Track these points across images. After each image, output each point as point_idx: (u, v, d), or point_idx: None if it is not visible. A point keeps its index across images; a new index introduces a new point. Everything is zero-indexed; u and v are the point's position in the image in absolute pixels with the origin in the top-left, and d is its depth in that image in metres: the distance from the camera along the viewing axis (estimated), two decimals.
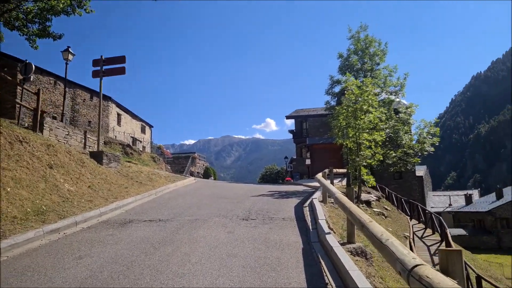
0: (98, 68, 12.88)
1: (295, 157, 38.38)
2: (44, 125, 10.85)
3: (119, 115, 34.37)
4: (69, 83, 28.18)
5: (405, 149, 21.45)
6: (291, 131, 38.07)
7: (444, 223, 15.55)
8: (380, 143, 14.77)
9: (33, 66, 11.66)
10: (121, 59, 12.87)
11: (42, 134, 10.84)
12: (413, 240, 13.31)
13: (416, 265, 1.81)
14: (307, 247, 5.56)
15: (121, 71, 12.82)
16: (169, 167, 33.26)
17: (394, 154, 20.52)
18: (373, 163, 14.33)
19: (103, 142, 15.02)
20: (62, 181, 8.93)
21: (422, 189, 42.64)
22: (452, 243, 13.01)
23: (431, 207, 44.00)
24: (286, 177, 35.30)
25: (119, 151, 28.40)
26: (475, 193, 53.19)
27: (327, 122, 28.16)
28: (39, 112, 10.74)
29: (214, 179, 38.50)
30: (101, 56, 12.88)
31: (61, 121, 13.86)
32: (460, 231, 38.64)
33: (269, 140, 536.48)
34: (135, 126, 37.94)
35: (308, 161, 28.68)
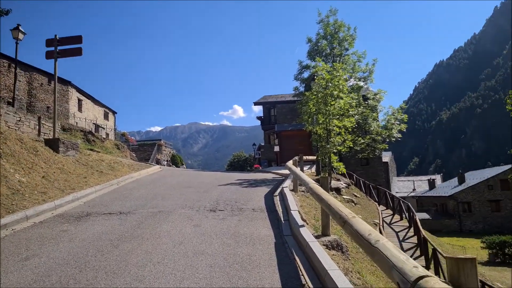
0: (52, 48, 11.79)
1: (263, 144, 38.20)
2: None
3: (80, 100, 32.55)
4: (25, 66, 26.23)
5: (373, 136, 21.73)
6: (259, 118, 37.75)
7: (413, 209, 15.89)
8: (350, 130, 14.74)
9: None
10: (77, 39, 11.85)
11: None
12: (383, 227, 13.47)
13: (421, 277, 1.49)
14: (280, 242, 5.25)
15: (77, 52, 11.81)
16: (134, 155, 32.05)
17: (362, 141, 20.76)
18: (343, 150, 14.30)
19: (60, 128, 13.98)
20: (12, 171, 8.08)
21: (387, 174, 43.97)
22: (422, 229, 13.27)
23: (396, 192, 45.57)
24: (254, 164, 35.10)
25: (80, 139, 26.94)
26: (438, 178, 55.60)
27: (296, 108, 28.03)
28: None
29: (182, 166, 37.68)
30: (55, 35, 11.79)
31: (12, 106, 12.66)
32: (424, 215, 40.31)
33: (236, 127, 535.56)
34: (97, 112, 36.18)
35: (276, 148, 28.56)
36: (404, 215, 17.02)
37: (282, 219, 6.77)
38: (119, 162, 14.07)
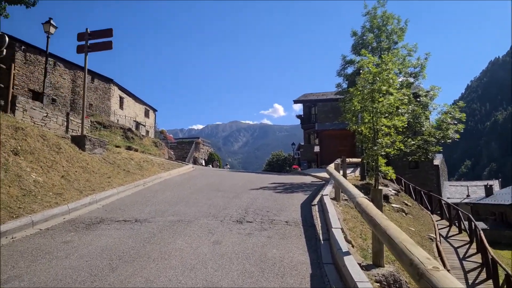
0: (83, 42, 11.35)
1: (303, 143, 36.73)
2: (17, 105, 9.42)
3: (121, 98, 33.00)
4: (69, 64, 26.80)
5: (425, 137, 19.68)
6: (298, 116, 36.31)
7: (475, 222, 13.88)
8: (401, 130, 13.11)
9: (7, 39, 10.18)
10: (108, 33, 11.32)
11: (14, 115, 9.44)
12: (440, 242, 11.75)
13: None
14: (318, 274, 4.06)
15: (108, 45, 11.28)
16: (172, 152, 32.01)
17: (412, 142, 18.82)
18: (392, 153, 12.68)
19: (89, 125, 13.61)
20: (28, 170, 7.54)
21: (438, 179, 40.69)
22: (489, 248, 11.34)
23: (448, 198, 42.05)
24: (293, 164, 33.77)
25: (119, 135, 27.18)
26: (495, 184, 50.90)
27: (338, 106, 26.36)
28: (10, 91, 9.31)
29: (218, 165, 37.15)
30: (86, 29, 11.35)
31: (41, 101, 12.43)
32: (481, 225, 36.74)
33: (276, 126, 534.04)
34: (138, 109, 36.61)
35: (316, 148, 27.05)
36: (464, 228, 14.98)
37: (321, 237, 5.56)
38: (149, 161, 13.45)
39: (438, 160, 41.10)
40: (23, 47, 21.04)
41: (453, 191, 51.08)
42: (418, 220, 13.59)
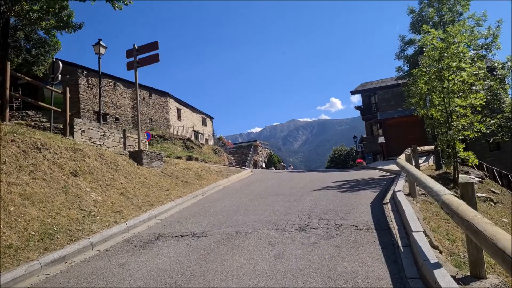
0: (132, 59, 11.56)
1: (365, 135, 34.87)
2: (75, 127, 9.80)
3: (178, 110, 34.08)
4: (127, 83, 28.25)
5: (506, 114, 17.35)
6: (358, 108, 34.56)
7: None
8: (479, 109, 11.50)
9: (61, 65, 10.67)
10: (154, 46, 11.40)
11: (73, 137, 9.81)
12: None
13: None
14: None
15: (155, 58, 11.36)
16: (232, 158, 32.26)
17: (492, 121, 16.65)
18: (471, 135, 11.14)
19: (145, 140, 13.85)
20: (88, 191, 7.65)
21: None
22: None
23: None
24: (357, 158, 32.14)
25: (179, 146, 27.97)
26: None
27: (400, 92, 24.46)
28: (67, 114, 9.68)
29: (275, 167, 36.66)
30: (134, 45, 11.55)
31: (98, 121, 12.90)
32: None
33: (335, 120, 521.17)
34: (195, 119, 37.56)
35: (381, 139, 25.34)
36: None
37: (400, 243, 4.72)
38: (207, 170, 13.33)
39: None
40: (84, 72, 22.43)
41: None
42: (511, 209, 11.79)
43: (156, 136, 25.87)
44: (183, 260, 4.83)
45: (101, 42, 13.40)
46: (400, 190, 7.39)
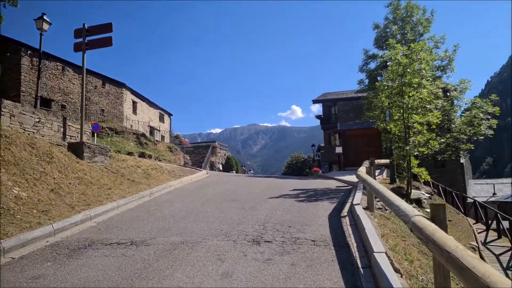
0: (81, 40, 10.47)
1: (323, 144, 35.30)
2: (2, 110, 8.52)
3: (134, 102, 32.41)
4: (79, 68, 26.20)
5: (455, 134, 18.08)
6: (318, 117, 34.93)
7: None
8: (434, 127, 11.70)
9: None
10: (107, 28, 10.40)
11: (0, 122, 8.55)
12: (482, 251, 10.26)
13: None
14: None
15: (108, 42, 10.36)
16: (188, 157, 31.16)
17: (442, 140, 17.26)
18: (425, 152, 11.27)
19: (90, 131, 12.71)
20: (9, 185, 6.58)
21: (464, 177, 38.49)
22: None
23: (473, 197, 39.73)
24: (313, 166, 32.37)
25: (132, 141, 26.45)
26: None
27: (360, 105, 24.90)
28: None
29: (236, 170, 36.04)
30: (84, 24, 10.46)
31: (34, 106, 11.60)
32: (507, 223, 34.33)
33: (295, 128, 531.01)
34: (152, 114, 35.98)
35: (338, 149, 25.63)
36: (504, 233, 13.36)
37: (359, 264, 4.33)
38: (158, 168, 12.45)
39: (462, 158, 38.91)
40: (29, 52, 20.44)
41: (479, 190, 48.33)
42: (456, 226, 12.12)
43: (106, 129, 24.26)
44: (113, 275, 4.09)
45: (44, 17, 12.07)
46: (358, 204, 7.10)
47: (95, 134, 19.17)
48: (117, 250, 5.01)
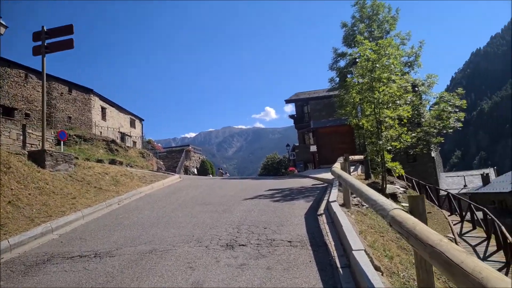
0: (40, 43, 9.87)
1: (297, 144, 35.41)
2: None
3: (103, 108, 31.37)
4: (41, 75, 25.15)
5: (425, 128, 18.49)
6: (291, 116, 35.03)
7: (493, 216, 12.60)
8: (405, 121, 11.82)
9: None
10: (68, 29, 9.87)
11: None
12: (459, 243, 10.40)
13: None
14: None
15: (68, 44, 9.83)
16: (161, 163, 30.39)
17: (413, 134, 17.60)
18: (398, 146, 11.36)
19: (53, 139, 12.05)
20: None
21: (436, 170, 39.68)
22: None
23: (446, 189, 41.02)
24: (289, 166, 32.37)
25: (102, 148, 25.49)
26: (491, 172, 50.09)
27: (331, 103, 25.07)
28: None
29: (211, 173, 35.54)
30: (42, 27, 9.87)
31: (13, 117, 10.85)
32: (480, 215, 35.70)
33: (269, 129, 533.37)
34: (123, 120, 34.96)
35: (313, 148, 25.71)
36: (478, 224, 13.70)
37: (338, 263, 4.14)
38: (128, 175, 11.93)
39: (433, 152, 40.13)
40: None
41: (450, 182, 50.10)
42: (432, 218, 12.28)
43: (74, 136, 23.25)
44: None
45: (0, 20, 11.33)
46: (334, 201, 6.97)
47: (62, 142, 18.32)
48: (78, 264, 4.61)
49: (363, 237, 5.33)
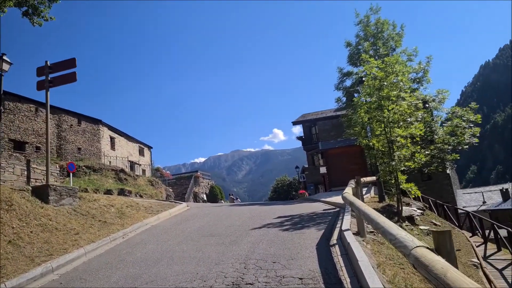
0: (43, 77, 9.91)
1: (307, 165, 34.94)
2: None
3: (112, 138, 31.57)
4: (52, 109, 25.48)
5: (438, 145, 17.96)
6: (299, 138, 34.74)
7: None
8: (418, 139, 11.42)
9: None
10: (70, 63, 9.89)
11: None
12: (484, 267, 9.74)
13: None
14: None
15: (71, 78, 9.83)
16: (170, 190, 30.18)
17: (427, 152, 17.09)
18: (412, 166, 10.92)
19: (59, 171, 11.92)
20: None
21: (452, 188, 38.57)
22: None
23: (463, 207, 39.71)
24: (299, 189, 31.81)
25: (111, 178, 25.45)
26: (510, 187, 48.51)
27: (339, 123, 24.80)
28: None
29: (221, 199, 35.10)
30: (46, 61, 9.93)
31: (23, 150, 10.81)
32: (503, 232, 34.31)
33: (278, 151, 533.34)
34: (131, 148, 35.10)
35: (322, 170, 25.24)
36: (504, 245, 12.94)
37: None
38: (134, 206, 11.66)
39: (448, 169, 39.12)
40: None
41: (468, 199, 48.52)
42: (454, 242, 11.60)
43: (84, 167, 23.29)
44: None
45: (4, 57, 11.54)
46: (348, 229, 6.55)
47: (71, 174, 18.27)
48: None
49: (382, 271, 4.91)
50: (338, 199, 13.10)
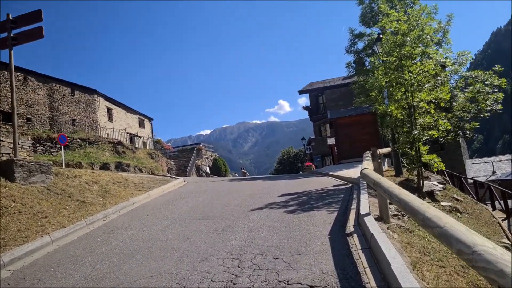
0: (6, 34, 8.47)
1: (313, 137, 33.54)
2: None
3: (109, 109, 30.25)
4: (43, 77, 24.06)
5: (457, 113, 16.43)
6: (306, 108, 33.16)
7: None
8: (443, 104, 9.97)
9: None
10: (35, 16, 8.42)
11: None
12: None
13: None
14: None
15: (38, 33, 8.39)
16: (172, 163, 29.14)
17: (445, 120, 15.58)
18: (436, 135, 9.53)
19: (32, 144, 10.70)
20: None
21: (462, 158, 37.24)
22: None
23: (473, 177, 38.43)
24: (305, 161, 30.60)
25: (108, 151, 24.33)
26: None
27: (348, 91, 23.18)
28: None
29: (225, 172, 34.04)
30: (8, 14, 8.45)
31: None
32: None
33: (284, 122, 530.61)
34: (131, 120, 33.82)
35: (330, 140, 23.82)
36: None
37: None
38: (122, 182, 10.49)
39: (460, 138, 37.52)
40: None
41: (477, 169, 47.07)
42: (478, 219, 10.38)
43: (78, 140, 22.14)
44: None
45: None
46: (368, 213, 5.26)
47: (63, 147, 17.13)
48: None
49: (418, 271, 3.65)
50: (350, 172, 11.83)
